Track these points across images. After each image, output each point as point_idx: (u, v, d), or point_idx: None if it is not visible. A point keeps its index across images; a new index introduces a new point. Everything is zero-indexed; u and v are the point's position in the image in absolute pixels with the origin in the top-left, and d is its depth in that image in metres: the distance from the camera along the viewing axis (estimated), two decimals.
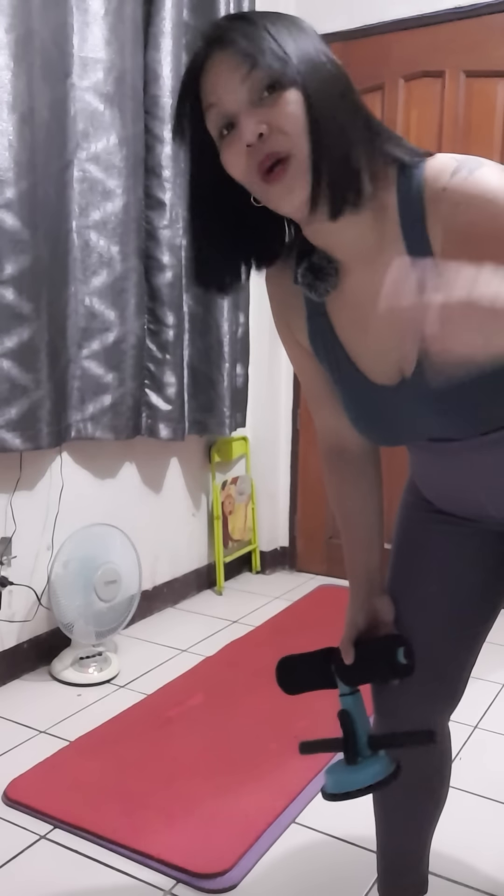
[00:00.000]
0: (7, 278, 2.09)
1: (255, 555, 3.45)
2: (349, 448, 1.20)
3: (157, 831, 1.69)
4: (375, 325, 0.99)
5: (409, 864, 1.36)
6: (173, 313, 2.67)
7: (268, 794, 1.82)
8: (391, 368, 1.00)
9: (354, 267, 0.99)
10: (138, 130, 2.47)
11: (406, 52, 2.93)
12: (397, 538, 1.23)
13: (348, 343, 1.04)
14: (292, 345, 1.14)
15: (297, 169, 0.88)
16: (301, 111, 0.87)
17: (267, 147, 0.87)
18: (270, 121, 0.87)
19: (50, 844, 1.67)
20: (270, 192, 0.90)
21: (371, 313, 0.99)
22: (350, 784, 1.07)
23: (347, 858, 1.63)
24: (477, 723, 2.13)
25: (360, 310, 1.00)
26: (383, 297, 0.76)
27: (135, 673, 2.45)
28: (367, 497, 1.21)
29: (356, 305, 1.01)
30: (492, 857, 1.64)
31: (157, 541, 2.92)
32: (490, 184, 0.87)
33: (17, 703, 2.26)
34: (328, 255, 0.99)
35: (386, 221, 0.94)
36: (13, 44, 2.02)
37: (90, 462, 2.60)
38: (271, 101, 0.87)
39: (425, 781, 1.29)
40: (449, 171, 0.90)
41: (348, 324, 1.03)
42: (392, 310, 0.76)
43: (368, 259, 0.97)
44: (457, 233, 0.89)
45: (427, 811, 1.32)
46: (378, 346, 1.01)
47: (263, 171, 0.88)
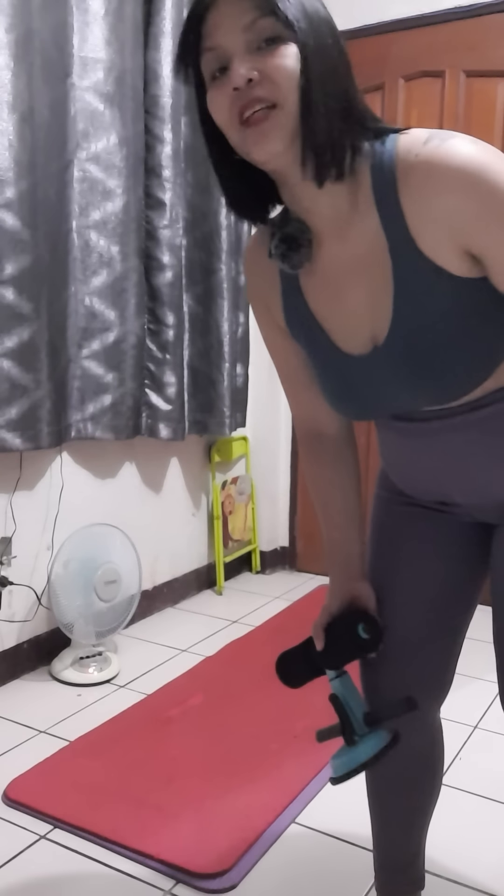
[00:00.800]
0: (7, 278, 2.09)
1: (255, 555, 3.45)
2: (326, 432, 1.21)
3: (157, 831, 1.69)
4: (348, 295, 1.00)
5: (405, 860, 1.37)
6: (173, 313, 2.67)
7: (268, 794, 1.82)
8: (363, 337, 1.01)
9: (327, 237, 0.99)
10: (138, 130, 2.47)
11: (406, 52, 2.93)
12: (373, 532, 1.24)
13: (321, 315, 1.05)
14: (269, 326, 1.15)
15: (280, 119, 0.88)
16: (295, 67, 0.87)
17: (253, 92, 0.87)
18: (263, 69, 0.87)
19: (50, 844, 1.67)
20: (247, 135, 0.90)
21: (343, 284, 1.00)
22: (351, 762, 1.10)
23: (347, 858, 1.63)
24: (477, 723, 2.13)
25: (333, 281, 1.01)
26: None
27: (135, 673, 2.45)
28: (344, 481, 1.22)
29: (329, 276, 1.01)
30: (492, 857, 1.64)
31: (157, 541, 2.92)
32: (461, 153, 0.87)
33: (17, 703, 2.26)
34: (302, 226, 0.99)
35: (359, 191, 0.95)
36: (13, 44, 2.02)
37: (90, 462, 2.60)
38: (268, 51, 0.87)
39: (419, 775, 1.30)
40: (421, 140, 0.90)
41: (321, 295, 1.04)
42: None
43: (341, 229, 0.98)
44: (429, 206, 0.90)
45: (421, 805, 1.33)
46: (351, 317, 1.01)
47: (244, 115, 0.88)
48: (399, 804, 1.33)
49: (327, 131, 0.89)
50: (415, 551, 1.18)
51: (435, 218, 0.90)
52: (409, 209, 0.91)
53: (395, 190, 0.92)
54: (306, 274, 1.03)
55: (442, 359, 0.96)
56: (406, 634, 1.18)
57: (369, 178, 0.94)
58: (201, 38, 0.90)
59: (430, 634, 1.19)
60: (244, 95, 0.88)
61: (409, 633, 1.18)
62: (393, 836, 1.36)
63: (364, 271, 0.97)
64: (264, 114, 0.88)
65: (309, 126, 0.89)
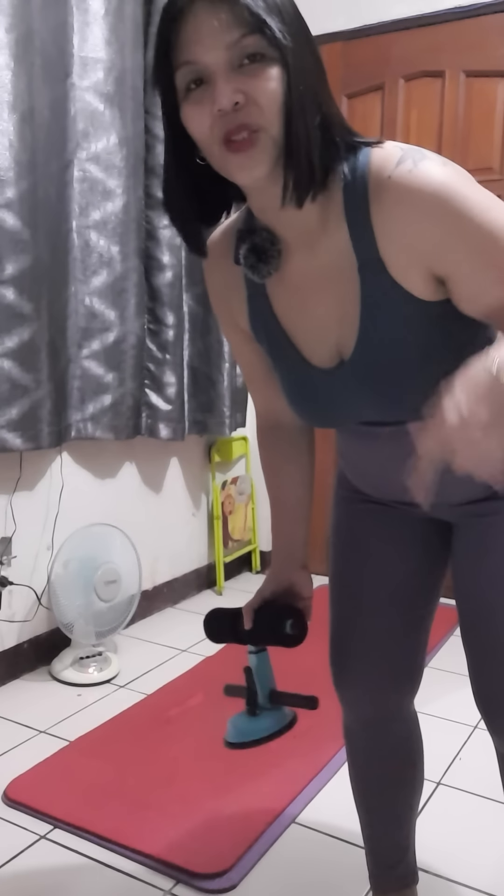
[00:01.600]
0: (7, 278, 2.09)
1: (255, 555, 3.45)
2: (285, 425, 1.22)
3: (157, 831, 1.69)
4: (315, 307, 1.00)
5: (396, 855, 1.39)
6: (173, 313, 2.67)
7: (268, 794, 1.82)
8: (329, 350, 1.01)
9: (296, 248, 0.98)
10: (138, 130, 2.47)
11: (406, 52, 2.93)
12: (334, 531, 1.26)
13: (288, 324, 1.05)
14: (232, 328, 1.14)
15: (265, 145, 0.87)
16: (280, 90, 0.85)
17: (240, 117, 0.85)
18: (248, 92, 0.85)
19: (50, 844, 1.67)
20: (231, 160, 0.88)
21: (311, 296, 1.00)
22: (249, 734, 1.20)
23: (347, 858, 1.63)
24: (477, 723, 2.13)
25: (300, 292, 1.01)
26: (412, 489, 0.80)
27: (135, 673, 2.45)
28: (299, 471, 1.23)
29: (296, 287, 1.01)
30: (492, 857, 1.64)
31: (157, 541, 2.92)
32: (432, 178, 0.87)
33: (17, 703, 2.26)
34: (271, 237, 0.98)
35: (330, 207, 0.94)
36: (13, 44, 2.02)
37: (90, 462, 2.60)
38: (252, 71, 0.85)
39: (399, 769, 1.33)
40: (394, 161, 0.89)
41: (288, 305, 1.03)
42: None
43: (310, 241, 0.97)
44: (400, 229, 0.90)
45: (406, 798, 1.35)
46: (317, 329, 1.01)
47: (229, 139, 0.86)
48: (383, 799, 1.35)
49: (308, 156, 0.88)
50: (376, 548, 1.21)
51: (404, 241, 0.90)
52: (380, 229, 0.91)
53: (367, 209, 0.92)
54: (273, 281, 1.03)
55: (405, 376, 0.97)
56: (372, 630, 1.21)
57: (341, 195, 0.93)
58: (175, 47, 0.86)
59: (395, 629, 1.22)
60: (229, 120, 0.85)
61: (376, 628, 1.21)
62: (381, 833, 1.38)
63: (331, 285, 0.98)
64: (250, 139, 0.86)
65: (291, 150, 0.88)
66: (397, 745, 1.31)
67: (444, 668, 2.32)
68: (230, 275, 1.08)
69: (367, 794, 1.35)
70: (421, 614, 1.23)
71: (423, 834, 1.43)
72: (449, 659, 2.17)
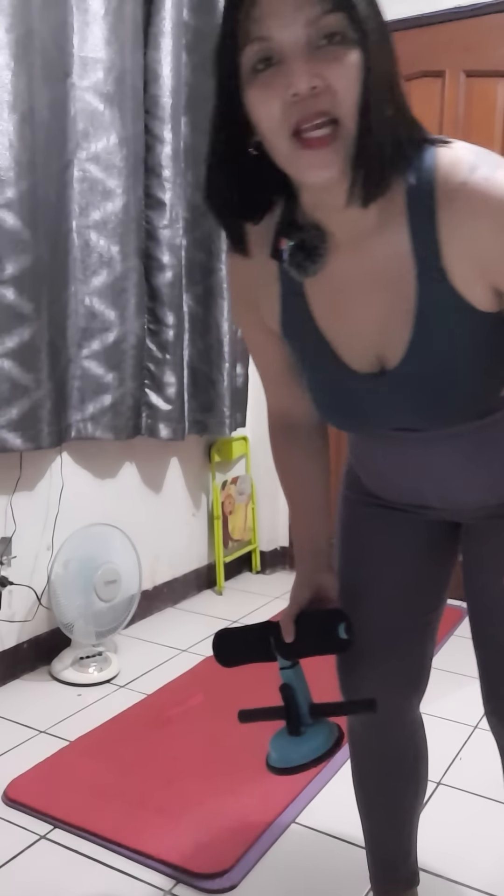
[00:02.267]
0: (7, 278, 2.09)
1: (255, 555, 3.45)
2: (299, 424, 1.18)
3: (157, 831, 1.69)
4: (355, 310, 0.95)
5: (398, 857, 1.38)
6: (173, 313, 2.67)
7: (268, 794, 1.82)
8: (369, 356, 0.97)
9: (344, 248, 0.93)
10: (138, 130, 2.47)
11: (406, 52, 2.92)
12: (341, 534, 1.23)
13: (325, 326, 0.99)
14: (254, 325, 1.08)
15: (342, 141, 0.80)
16: (358, 77, 0.78)
17: (319, 104, 0.78)
18: (327, 76, 0.77)
19: (50, 844, 1.67)
20: (303, 158, 0.81)
21: (353, 298, 0.95)
22: (297, 758, 1.09)
23: (347, 858, 1.63)
24: (477, 723, 2.13)
25: (342, 293, 0.95)
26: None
27: (135, 673, 2.45)
28: (314, 469, 1.19)
29: (337, 288, 0.95)
30: (492, 857, 1.64)
31: (157, 541, 2.92)
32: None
33: (17, 703, 2.26)
34: (320, 234, 0.92)
35: (390, 206, 0.88)
36: (13, 44, 2.02)
37: (90, 462, 2.60)
38: (330, 53, 0.77)
39: (404, 772, 1.31)
40: (467, 165, 0.84)
41: (326, 307, 0.98)
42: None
43: (361, 242, 0.91)
44: (471, 240, 0.84)
45: (409, 801, 1.34)
46: (356, 333, 0.97)
47: (303, 129, 0.79)
48: (386, 802, 1.34)
49: (382, 153, 0.82)
50: (385, 551, 1.19)
51: (473, 252, 0.85)
52: (447, 237, 0.86)
53: (433, 214, 0.85)
54: (312, 280, 0.96)
55: (452, 387, 0.93)
56: (381, 634, 1.19)
57: (403, 196, 0.87)
58: (245, 21, 0.78)
59: (403, 632, 1.20)
60: (305, 106, 0.78)
61: (384, 632, 1.19)
62: (384, 835, 1.37)
63: (379, 289, 0.92)
64: (327, 136, 0.79)
65: (365, 147, 0.81)
66: (402, 748, 1.30)
67: (445, 667, 2.32)
68: (262, 270, 1.00)
69: (369, 795, 1.34)
70: (429, 618, 1.22)
71: (423, 834, 1.43)
72: (449, 659, 2.16)
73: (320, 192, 0.89)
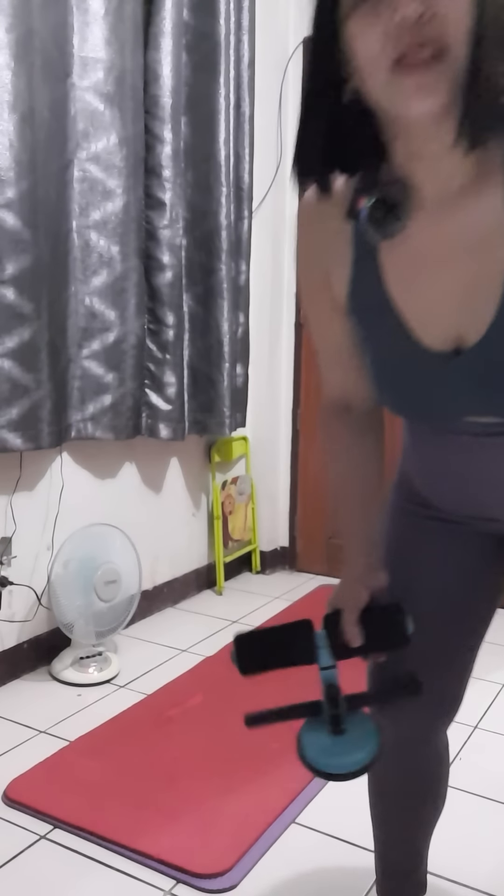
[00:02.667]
0: (7, 278, 2.09)
1: (255, 555, 3.45)
2: (356, 405, 1.10)
3: (157, 831, 1.69)
4: (436, 279, 0.88)
5: (408, 868, 1.35)
6: (173, 313, 2.67)
7: (268, 794, 1.82)
8: (444, 332, 0.89)
9: (431, 205, 0.87)
10: (138, 130, 2.47)
11: None
12: (391, 544, 1.14)
13: (398, 296, 0.91)
14: (321, 298, 1.01)
15: (448, 69, 0.75)
16: (469, 5, 0.73)
17: (425, 32, 0.73)
18: (433, 3, 0.73)
19: (50, 844, 1.67)
20: (405, 83, 0.76)
21: (434, 265, 0.88)
22: (351, 764, 1.02)
23: (347, 858, 1.63)
24: (477, 723, 2.13)
25: (422, 259, 0.88)
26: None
27: (135, 673, 2.45)
28: (369, 454, 1.11)
29: (418, 254, 0.88)
30: (492, 857, 1.64)
31: (157, 541, 2.92)
32: None
33: (17, 703, 2.26)
34: (406, 190, 0.86)
35: (489, 162, 0.83)
36: (13, 43, 2.02)
37: (90, 462, 2.60)
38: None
39: (425, 793, 1.28)
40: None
41: (403, 274, 0.90)
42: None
43: (451, 199, 0.85)
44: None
45: (426, 819, 1.31)
46: (433, 304, 0.89)
47: (403, 58, 0.74)
48: (403, 819, 1.30)
49: (496, 90, 0.76)
50: (437, 570, 1.10)
51: None
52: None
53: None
54: (389, 245, 0.89)
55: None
56: (421, 656, 1.10)
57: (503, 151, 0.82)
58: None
59: (447, 654, 1.13)
60: (409, 34, 0.73)
61: (427, 652, 1.10)
62: (396, 848, 1.34)
63: (465, 256, 0.85)
64: (430, 59, 0.74)
65: (475, 81, 0.75)
66: (424, 768, 1.25)
67: None
68: (335, 235, 0.94)
69: (388, 810, 1.30)
70: (473, 641, 1.14)
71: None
72: None
73: (419, 136, 0.83)
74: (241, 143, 2.91)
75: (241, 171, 2.92)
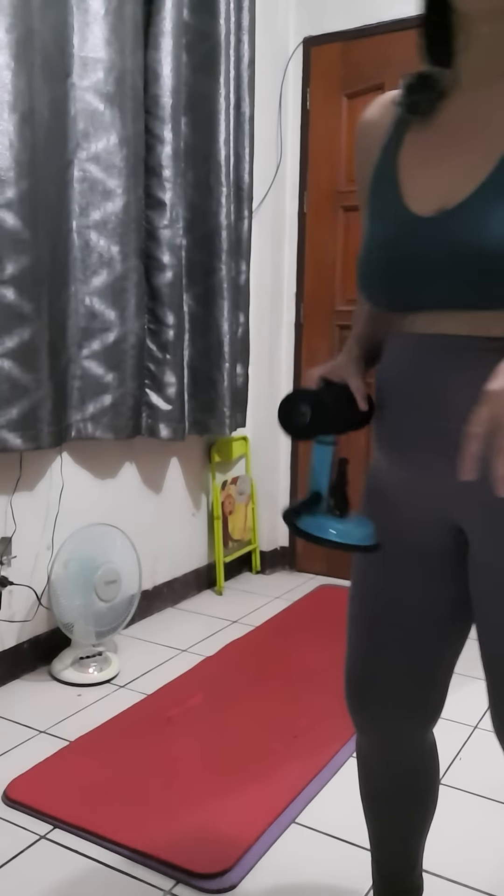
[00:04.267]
0: (7, 278, 2.10)
1: (255, 555, 3.45)
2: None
3: (157, 831, 1.69)
4: (447, 156, 0.96)
5: (403, 870, 1.35)
6: (173, 313, 2.67)
7: (268, 794, 1.82)
8: (433, 199, 0.95)
9: (466, 88, 0.97)
10: (138, 130, 2.47)
11: (406, 52, 2.91)
12: (357, 576, 1.16)
13: (405, 170, 1.00)
14: (363, 199, 1.09)
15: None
16: None
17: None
18: None
19: (50, 844, 1.67)
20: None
21: (450, 144, 0.96)
22: (359, 537, 1.03)
23: (347, 858, 1.63)
24: (477, 723, 2.13)
25: (442, 139, 0.98)
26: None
27: (135, 673, 2.45)
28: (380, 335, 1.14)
29: (440, 134, 0.98)
30: (492, 857, 1.64)
31: (157, 541, 2.92)
32: None
33: (17, 703, 2.26)
34: (442, 72, 0.99)
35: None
36: (14, 43, 2.02)
37: (90, 462, 2.60)
38: None
39: (413, 794, 1.29)
40: None
41: (419, 152, 1.00)
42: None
43: (483, 85, 0.95)
44: None
45: (418, 820, 1.31)
46: (435, 177, 0.96)
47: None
48: (395, 821, 1.31)
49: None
50: (409, 572, 1.10)
51: None
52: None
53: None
54: (418, 128, 1.00)
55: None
56: (397, 660, 1.13)
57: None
58: None
59: (421, 660, 1.14)
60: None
61: (401, 658, 1.13)
62: (390, 850, 1.34)
63: (477, 133, 0.94)
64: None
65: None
66: (412, 771, 1.26)
67: None
68: (381, 128, 1.06)
69: (378, 813, 1.31)
70: (441, 644, 1.14)
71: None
72: None
73: (477, 24, 0.92)
74: (241, 143, 2.91)
75: (241, 171, 2.92)
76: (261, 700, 2.23)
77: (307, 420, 1.04)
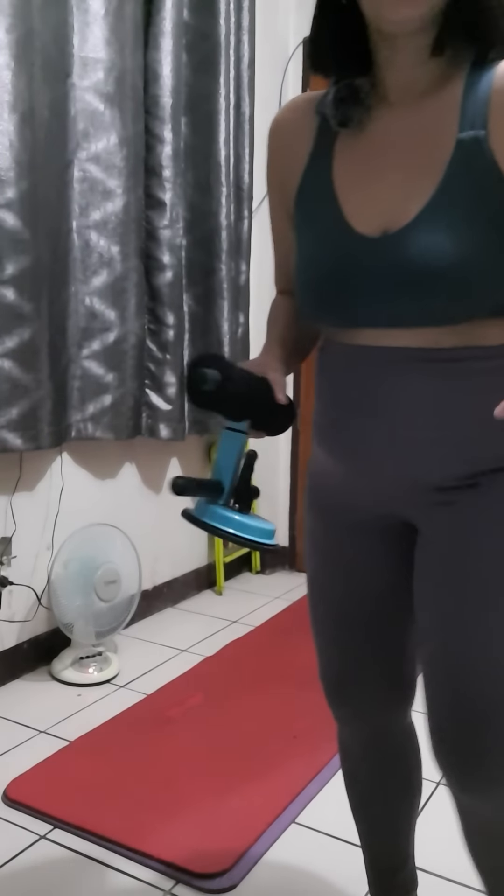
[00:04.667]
0: (7, 278, 2.10)
1: (255, 555, 3.45)
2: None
3: (157, 831, 1.69)
4: (384, 173, 0.96)
5: (396, 863, 1.36)
6: (173, 313, 2.67)
7: (268, 794, 1.82)
8: (378, 219, 0.94)
9: (393, 103, 0.97)
10: (138, 130, 2.47)
11: None
12: (311, 545, 1.18)
13: (342, 188, 0.99)
14: (279, 208, 1.11)
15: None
16: None
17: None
18: None
19: (50, 844, 1.67)
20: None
21: (385, 160, 0.96)
22: (246, 529, 0.98)
23: (347, 858, 1.63)
24: None
25: (375, 154, 0.97)
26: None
27: (135, 673, 2.45)
28: (299, 330, 1.16)
29: (373, 149, 0.97)
30: None
31: (157, 541, 2.92)
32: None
33: (17, 703, 2.26)
34: (371, 82, 0.97)
35: (452, 71, 0.93)
36: (14, 44, 2.02)
37: (90, 462, 2.60)
38: None
39: (396, 780, 1.30)
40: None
41: (353, 168, 0.99)
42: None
43: (411, 100, 0.95)
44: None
45: (405, 810, 1.33)
46: (375, 195, 0.96)
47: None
48: (382, 812, 1.32)
49: (474, 4, 0.88)
50: (355, 563, 1.13)
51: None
52: (497, 108, 0.89)
53: (490, 84, 0.90)
54: (347, 140, 0.99)
55: (454, 269, 0.89)
56: (361, 648, 1.16)
57: (469, 63, 0.92)
58: None
59: (383, 644, 1.16)
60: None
61: (364, 646, 1.16)
62: (381, 843, 1.36)
63: (415, 151, 0.93)
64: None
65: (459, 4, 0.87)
66: (394, 758, 1.28)
67: None
68: (299, 135, 1.04)
69: (364, 805, 1.33)
70: (405, 627, 1.16)
71: (423, 833, 1.43)
72: None
73: (397, 42, 0.92)
74: (241, 143, 2.91)
75: (241, 171, 2.92)
76: (261, 700, 2.22)
77: (211, 386, 0.98)
